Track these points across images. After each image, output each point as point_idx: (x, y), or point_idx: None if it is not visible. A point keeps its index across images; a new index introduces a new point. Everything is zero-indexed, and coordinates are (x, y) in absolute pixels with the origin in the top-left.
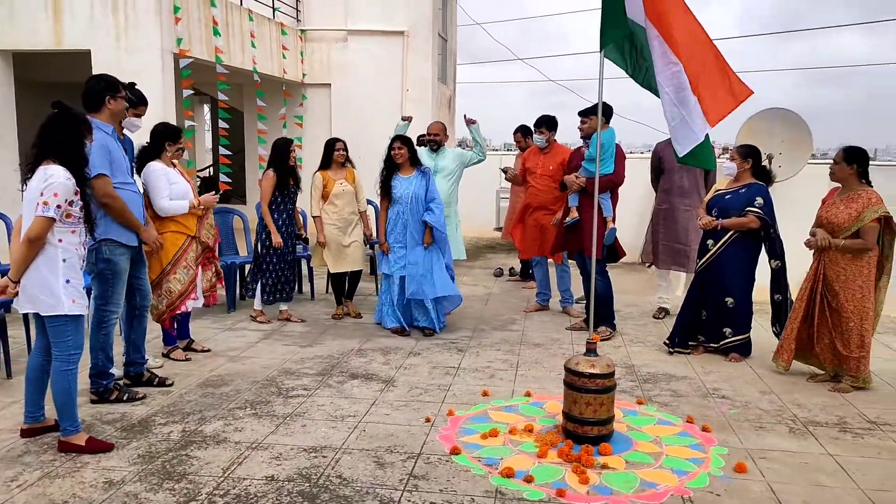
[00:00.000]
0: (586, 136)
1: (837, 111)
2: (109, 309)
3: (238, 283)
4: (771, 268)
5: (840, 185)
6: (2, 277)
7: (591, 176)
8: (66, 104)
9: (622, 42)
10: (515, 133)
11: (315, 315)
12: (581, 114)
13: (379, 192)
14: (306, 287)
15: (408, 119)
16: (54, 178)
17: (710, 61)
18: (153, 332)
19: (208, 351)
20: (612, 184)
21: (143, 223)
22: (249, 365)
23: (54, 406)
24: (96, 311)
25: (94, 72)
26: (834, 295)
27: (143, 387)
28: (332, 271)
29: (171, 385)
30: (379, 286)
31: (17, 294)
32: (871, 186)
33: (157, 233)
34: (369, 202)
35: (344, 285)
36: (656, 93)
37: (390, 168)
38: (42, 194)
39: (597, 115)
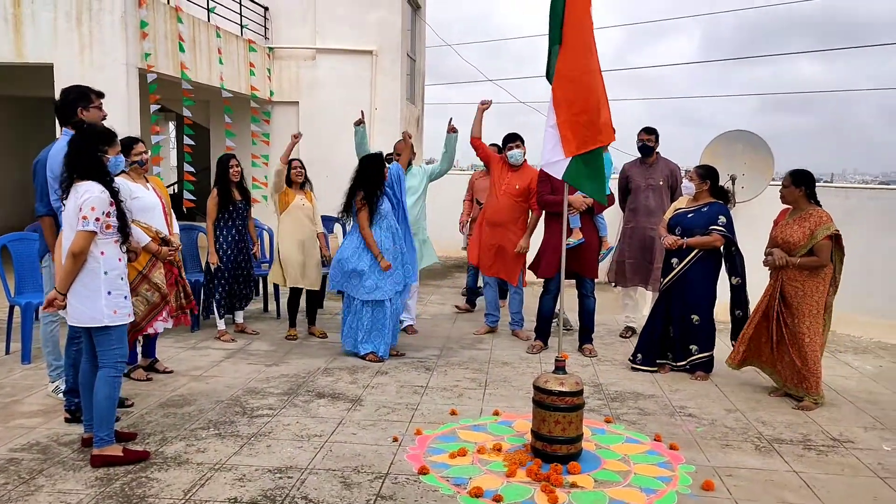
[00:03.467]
0: None
1: (797, 136)
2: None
3: (201, 300)
4: (732, 284)
5: (790, 207)
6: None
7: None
8: (85, 124)
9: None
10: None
11: (280, 334)
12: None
13: (361, 211)
14: (272, 306)
15: (361, 123)
16: (89, 193)
17: (588, 98)
18: None
19: (171, 372)
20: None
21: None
22: (213, 384)
23: (94, 414)
24: (71, 327)
25: (57, 86)
26: (791, 315)
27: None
28: (289, 285)
29: (131, 406)
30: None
31: (65, 306)
32: (820, 206)
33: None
34: (333, 219)
35: (298, 304)
36: None
37: (377, 186)
38: (81, 210)
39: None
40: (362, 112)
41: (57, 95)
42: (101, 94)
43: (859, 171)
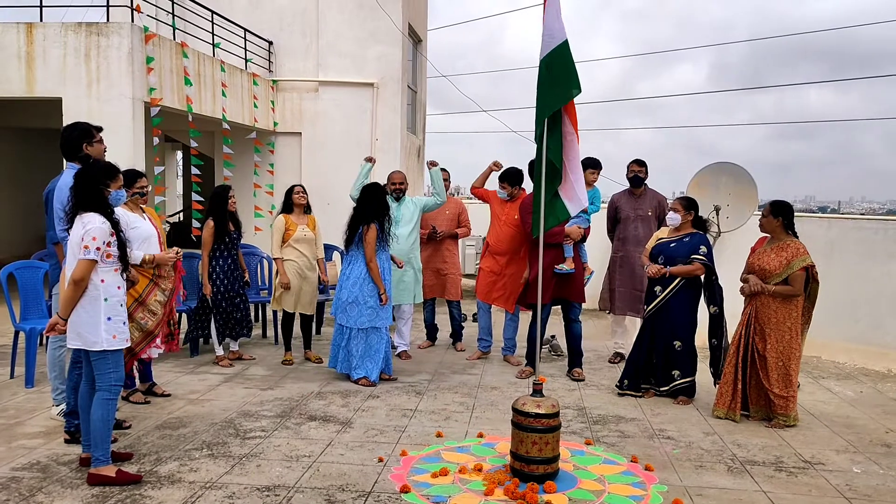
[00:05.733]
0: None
1: (805, 164)
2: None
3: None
4: (710, 313)
5: (768, 235)
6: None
7: (587, 226)
8: (90, 159)
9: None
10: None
11: (277, 359)
12: (591, 166)
13: (370, 242)
14: (270, 332)
15: (371, 161)
16: (91, 224)
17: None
18: None
19: (168, 395)
20: (587, 233)
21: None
22: (209, 407)
23: (91, 434)
24: (74, 351)
25: (66, 119)
26: (762, 339)
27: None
28: (282, 307)
29: (128, 427)
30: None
31: (65, 331)
32: (797, 237)
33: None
34: (332, 248)
35: (292, 329)
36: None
37: (385, 215)
38: (83, 240)
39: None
40: (374, 159)
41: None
42: (100, 129)
43: (867, 200)
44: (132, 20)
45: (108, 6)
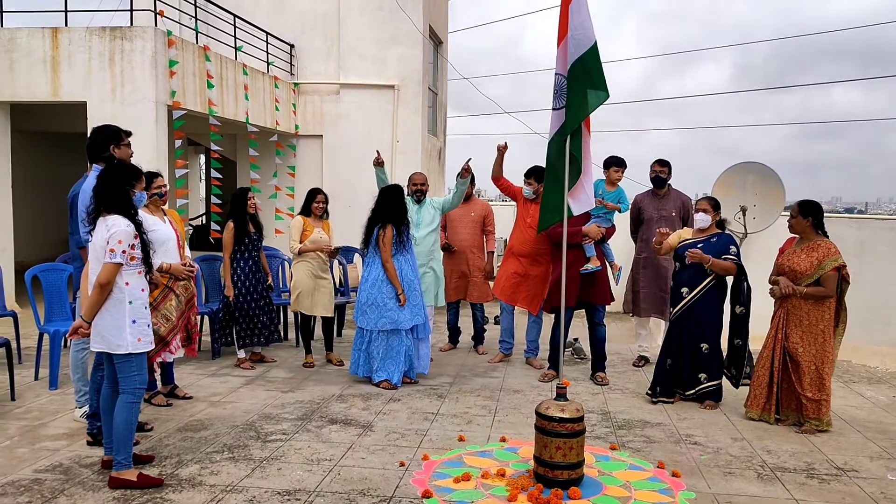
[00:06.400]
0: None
1: (832, 164)
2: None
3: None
4: (735, 313)
5: (797, 236)
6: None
7: (609, 227)
8: (115, 160)
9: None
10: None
11: (299, 361)
12: (615, 164)
13: (385, 244)
14: (291, 334)
15: (379, 163)
16: (115, 226)
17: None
18: None
19: (190, 398)
20: (611, 233)
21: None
22: (230, 410)
23: (113, 438)
24: (96, 353)
25: (90, 123)
26: (795, 342)
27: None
28: (307, 313)
29: (150, 430)
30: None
31: (89, 334)
32: (827, 236)
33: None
34: (353, 250)
35: (312, 332)
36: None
37: (403, 217)
38: (108, 243)
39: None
40: (378, 152)
41: (89, 132)
42: (129, 133)
43: (895, 201)
44: (155, 24)
45: (131, 10)
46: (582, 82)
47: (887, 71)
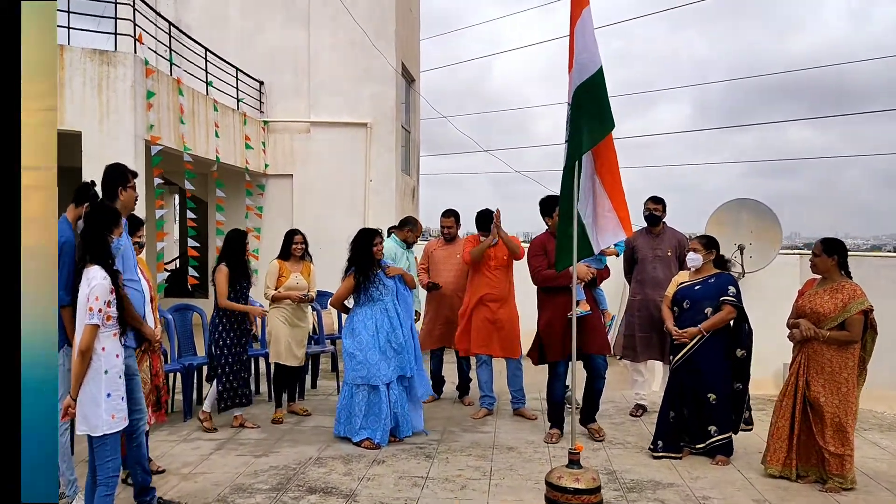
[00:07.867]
0: None
1: (786, 200)
2: (136, 416)
3: (196, 386)
4: (736, 356)
5: (818, 277)
6: None
7: (601, 268)
8: (96, 198)
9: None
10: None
11: (271, 416)
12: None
13: (344, 281)
14: (263, 387)
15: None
16: (94, 280)
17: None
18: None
19: (163, 471)
20: (605, 276)
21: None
22: (202, 483)
23: None
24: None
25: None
26: (816, 391)
27: None
28: (281, 362)
29: None
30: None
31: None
32: (851, 277)
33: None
34: (328, 294)
35: (284, 384)
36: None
37: (365, 261)
38: (88, 300)
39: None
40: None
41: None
42: (135, 174)
43: (850, 236)
44: (135, 51)
45: (115, 34)
46: (585, 110)
47: (836, 110)
